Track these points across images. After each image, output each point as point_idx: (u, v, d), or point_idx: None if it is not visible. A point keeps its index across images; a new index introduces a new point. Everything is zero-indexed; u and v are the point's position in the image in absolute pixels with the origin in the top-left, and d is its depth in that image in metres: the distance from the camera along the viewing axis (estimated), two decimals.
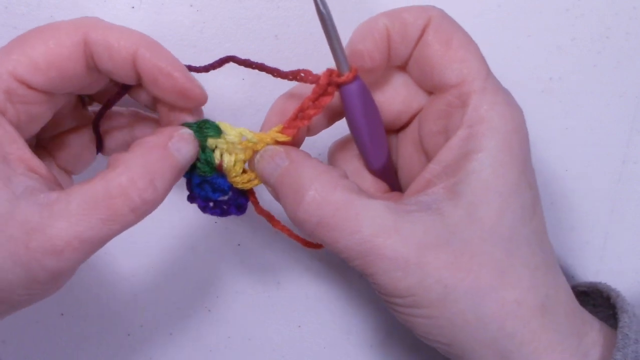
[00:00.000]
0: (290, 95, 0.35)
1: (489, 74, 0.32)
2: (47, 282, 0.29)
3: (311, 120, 0.33)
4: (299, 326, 0.45)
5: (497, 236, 0.31)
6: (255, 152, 0.33)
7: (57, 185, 0.31)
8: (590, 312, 0.35)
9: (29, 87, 0.30)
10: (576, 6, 0.43)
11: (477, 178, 0.31)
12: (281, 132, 0.33)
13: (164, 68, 0.31)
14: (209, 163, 0.33)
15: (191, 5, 0.41)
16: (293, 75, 0.33)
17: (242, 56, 0.42)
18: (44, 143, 0.36)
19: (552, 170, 0.35)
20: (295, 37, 0.42)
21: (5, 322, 0.44)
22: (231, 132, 0.33)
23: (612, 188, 0.45)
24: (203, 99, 0.33)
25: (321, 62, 0.34)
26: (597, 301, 0.37)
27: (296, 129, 0.33)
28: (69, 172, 0.37)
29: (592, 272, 0.46)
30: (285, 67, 0.35)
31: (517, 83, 0.33)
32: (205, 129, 0.33)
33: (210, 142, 0.33)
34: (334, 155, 0.38)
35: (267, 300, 0.44)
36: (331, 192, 0.30)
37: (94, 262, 0.43)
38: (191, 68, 0.33)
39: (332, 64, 0.34)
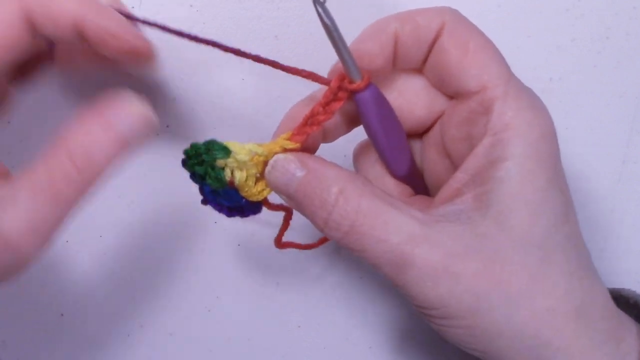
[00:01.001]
0: (304, 103, 0.34)
1: (510, 77, 0.31)
2: (7, 273, 0.28)
3: (321, 126, 0.32)
4: (299, 326, 0.45)
5: (529, 244, 0.30)
6: (266, 163, 0.33)
7: (7, 177, 0.30)
8: None
9: None
10: (576, 6, 0.43)
11: (505, 187, 0.30)
12: (290, 139, 0.32)
13: (111, 29, 0.31)
14: (219, 180, 0.32)
15: (191, 6, 0.41)
16: (297, 71, 0.32)
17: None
18: None
19: None
20: (295, 38, 0.42)
21: (5, 323, 0.44)
22: (241, 152, 0.32)
23: (612, 188, 0.45)
24: (151, 52, 0.33)
25: (321, 62, 0.34)
26: (621, 307, 0.36)
27: (305, 135, 0.32)
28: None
29: None
30: None
31: None
32: (213, 151, 0.32)
33: (220, 162, 0.32)
34: (357, 158, 0.37)
35: (267, 300, 0.44)
36: (358, 200, 0.30)
37: (94, 263, 0.43)
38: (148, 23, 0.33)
39: (333, 64, 0.34)
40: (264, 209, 0.35)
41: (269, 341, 0.45)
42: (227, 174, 0.32)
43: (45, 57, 0.36)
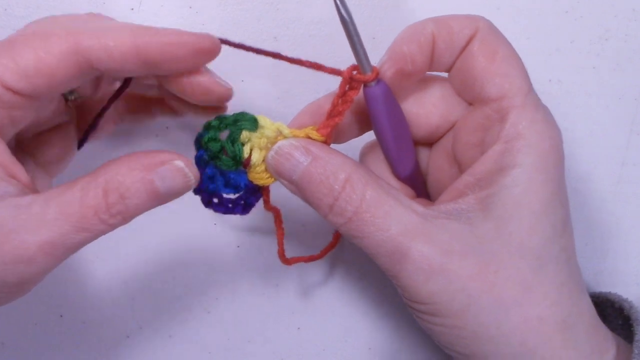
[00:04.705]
0: (321, 99, 0.35)
1: (530, 90, 0.32)
2: (15, 286, 0.29)
3: (343, 116, 0.33)
4: (298, 328, 0.45)
5: (525, 252, 0.31)
6: None
7: (32, 190, 0.30)
8: None
9: (15, 92, 0.29)
10: (575, 8, 0.43)
11: (509, 193, 0.31)
12: (317, 130, 0.33)
13: (170, 40, 0.30)
14: (236, 157, 0.32)
15: (190, 7, 0.41)
16: (311, 64, 0.32)
17: (242, 58, 0.42)
18: (23, 143, 0.35)
19: None
20: (294, 39, 0.42)
21: (4, 324, 0.44)
22: (270, 127, 0.32)
23: (611, 190, 0.45)
24: (216, 45, 0.32)
25: (320, 62, 0.34)
26: (607, 311, 0.37)
27: (330, 128, 0.33)
28: (48, 172, 0.36)
29: (592, 274, 0.46)
30: (284, 69, 0.35)
31: None
32: (242, 121, 0.32)
33: (244, 135, 0.32)
34: (363, 157, 0.38)
35: (266, 302, 0.44)
36: (364, 188, 0.31)
37: (92, 264, 0.43)
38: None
39: (332, 65, 0.34)
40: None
41: (269, 343, 0.45)
42: (246, 151, 0.33)
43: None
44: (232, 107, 0.38)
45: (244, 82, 0.42)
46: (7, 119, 0.30)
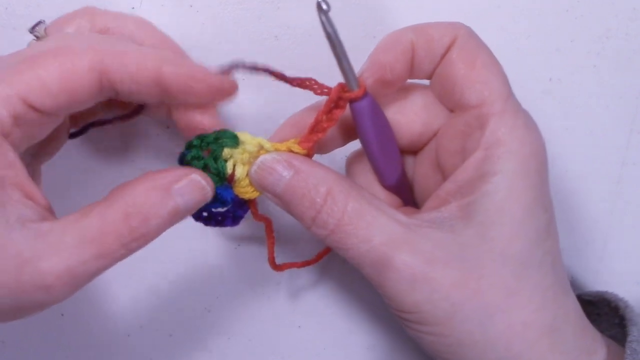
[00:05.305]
0: (305, 111, 0.35)
1: (509, 96, 0.32)
2: (33, 310, 0.29)
3: (326, 132, 0.33)
4: (299, 327, 0.45)
5: (508, 258, 0.31)
6: None
7: (51, 213, 0.30)
8: (595, 321, 0.35)
9: (36, 110, 0.29)
10: (576, 7, 0.43)
11: (491, 200, 0.31)
12: (298, 144, 0.33)
13: (195, 75, 0.30)
14: (220, 174, 0.33)
15: (191, 6, 0.41)
16: (300, 83, 0.33)
17: (242, 58, 0.42)
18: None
19: (551, 172, 0.35)
20: (295, 38, 0.42)
21: (4, 323, 0.44)
22: (251, 142, 0.33)
23: (611, 189, 0.45)
24: (235, 88, 0.33)
25: (320, 63, 0.34)
26: (603, 310, 0.37)
27: (312, 142, 0.33)
28: (38, 160, 0.36)
29: (591, 273, 0.46)
30: (285, 68, 0.35)
31: (517, 84, 0.33)
32: (223, 139, 0.32)
33: (226, 152, 0.33)
34: (350, 166, 0.38)
35: (267, 300, 0.44)
36: (345, 201, 0.31)
37: None
38: None
39: (332, 65, 0.34)
40: (241, 223, 0.35)
41: (269, 342, 0.45)
42: (229, 166, 0.33)
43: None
44: (235, 107, 0.38)
45: (244, 81, 0.42)
46: (26, 138, 0.30)
